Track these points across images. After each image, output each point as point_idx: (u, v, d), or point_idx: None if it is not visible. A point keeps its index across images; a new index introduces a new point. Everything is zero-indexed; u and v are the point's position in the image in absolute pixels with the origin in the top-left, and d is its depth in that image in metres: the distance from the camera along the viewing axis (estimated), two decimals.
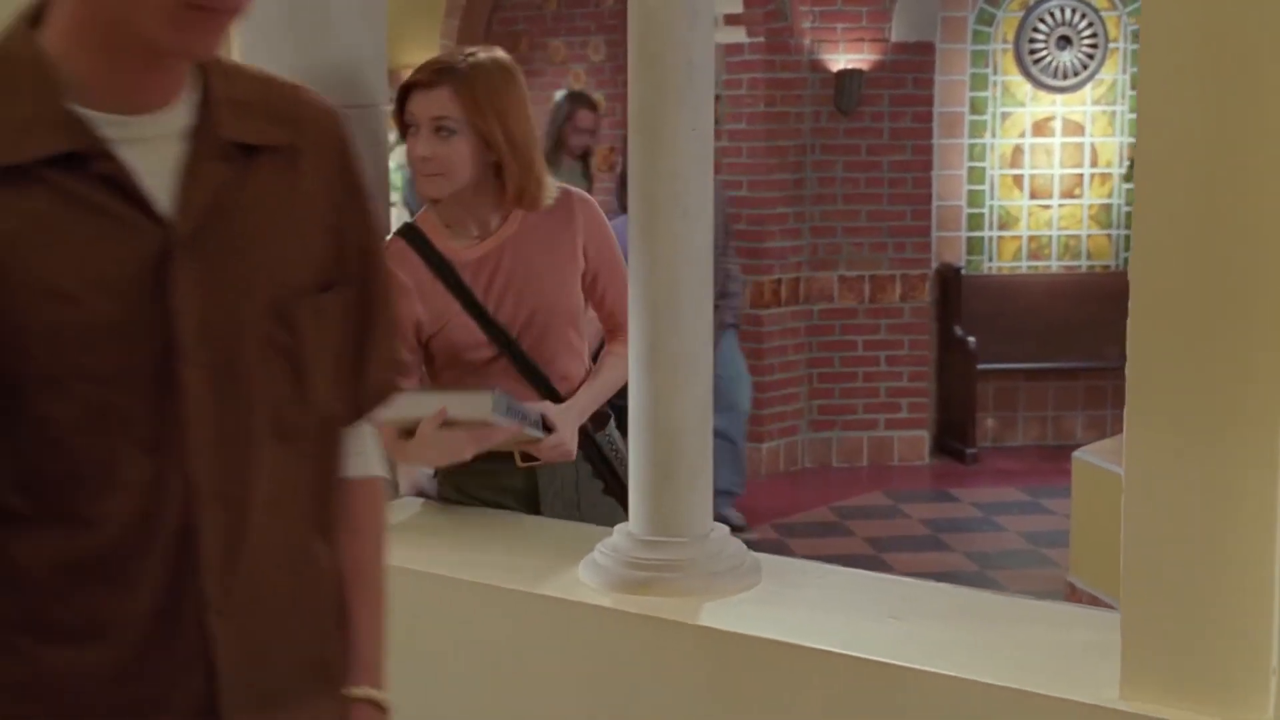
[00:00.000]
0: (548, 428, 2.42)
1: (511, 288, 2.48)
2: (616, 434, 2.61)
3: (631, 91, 2.08)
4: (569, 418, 2.48)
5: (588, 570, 2.14)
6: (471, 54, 2.46)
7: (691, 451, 2.12)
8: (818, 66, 6.93)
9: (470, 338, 2.48)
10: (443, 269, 2.47)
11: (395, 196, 6.41)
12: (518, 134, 2.43)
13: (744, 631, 1.96)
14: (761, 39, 6.81)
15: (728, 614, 2.00)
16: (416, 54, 9.47)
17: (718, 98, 6.47)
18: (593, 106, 6.83)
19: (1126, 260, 2.09)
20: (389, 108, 2.60)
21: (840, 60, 6.90)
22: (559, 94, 9.44)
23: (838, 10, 6.93)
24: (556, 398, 2.49)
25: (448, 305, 2.47)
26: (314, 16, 2.47)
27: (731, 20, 6.71)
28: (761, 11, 6.80)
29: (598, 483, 2.56)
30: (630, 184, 2.11)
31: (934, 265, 7.21)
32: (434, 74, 2.44)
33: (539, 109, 10.89)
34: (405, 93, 2.47)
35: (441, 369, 2.53)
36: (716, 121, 2.42)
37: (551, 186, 2.50)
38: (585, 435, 2.52)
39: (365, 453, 1.38)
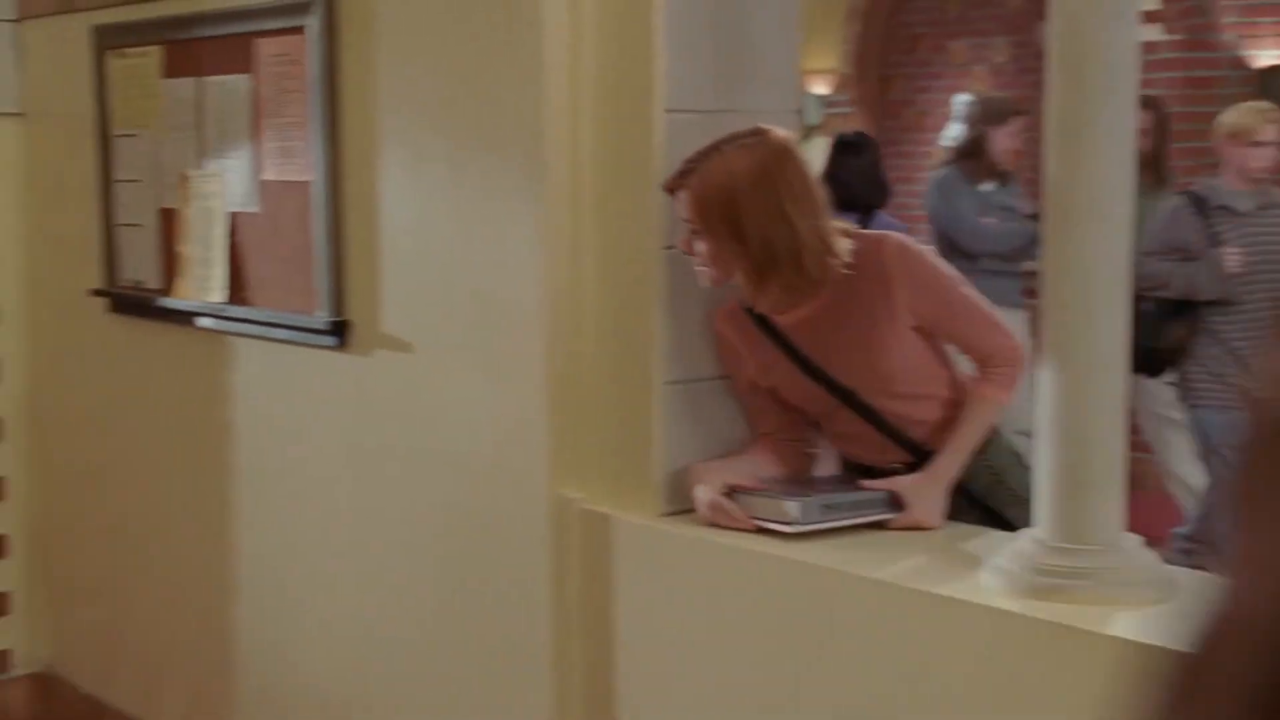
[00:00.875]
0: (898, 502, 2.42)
1: (831, 351, 2.47)
2: (1007, 441, 2.58)
3: (1050, 95, 2.06)
4: (926, 491, 2.42)
5: (992, 574, 2.14)
6: (719, 148, 2.36)
7: (1104, 457, 2.08)
8: (1239, 64, 6.58)
9: (805, 392, 2.51)
10: (768, 328, 2.49)
11: None
12: (759, 237, 2.34)
13: (1156, 644, 1.90)
14: (1179, 36, 6.52)
15: (1140, 625, 1.96)
16: (819, 59, 9.55)
17: None
18: None
19: None
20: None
21: (1265, 56, 6.53)
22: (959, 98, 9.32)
23: (1263, 3, 6.55)
24: (913, 446, 2.49)
25: (776, 360, 2.51)
26: (733, 21, 2.56)
27: (1148, 17, 6.45)
28: (1179, 7, 6.51)
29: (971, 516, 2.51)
30: (1047, 187, 2.09)
31: None
32: (677, 176, 2.39)
33: (936, 113, 10.73)
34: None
35: (788, 411, 2.57)
36: None
37: (839, 248, 2.40)
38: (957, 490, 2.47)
39: None
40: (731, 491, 2.44)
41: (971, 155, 5.56)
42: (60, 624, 4.14)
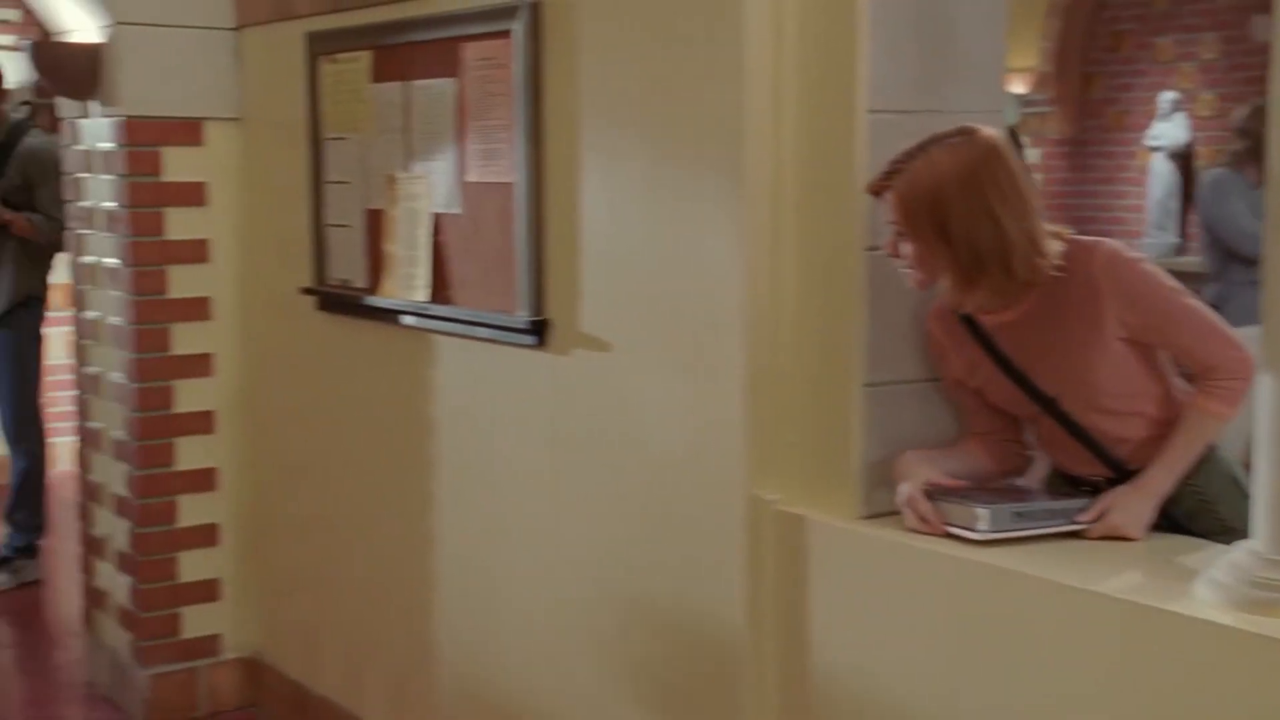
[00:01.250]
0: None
1: (1035, 356, 2.41)
2: (1225, 465, 2.48)
3: (1274, 92, 1.99)
4: (1132, 502, 2.35)
5: (1206, 587, 2.07)
6: (925, 149, 2.32)
7: None
8: None
9: (1008, 395, 2.46)
10: (974, 328, 2.45)
11: None
12: (966, 238, 2.30)
13: None
14: None
15: None
16: (1017, 57, 9.35)
17: None
18: None
19: None
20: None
21: None
22: (1166, 95, 9.05)
23: None
24: (1114, 463, 2.42)
25: (981, 361, 2.46)
26: (938, 19, 2.52)
27: None
28: None
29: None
30: (1269, 185, 2.01)
31: None
32: (882, 178, 2.36)
33: (1140, 112, 10.42)
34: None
35: (1000, 413, 2.52)
36: None
37: (1049, 250, 2.34)
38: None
39: None
40: (932, 492, 2.40)
41: (1257, 158, 5.34)
42: (268, 611, 4.29)
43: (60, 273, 6.84)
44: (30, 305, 5.48)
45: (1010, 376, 2.44)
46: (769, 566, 2.62)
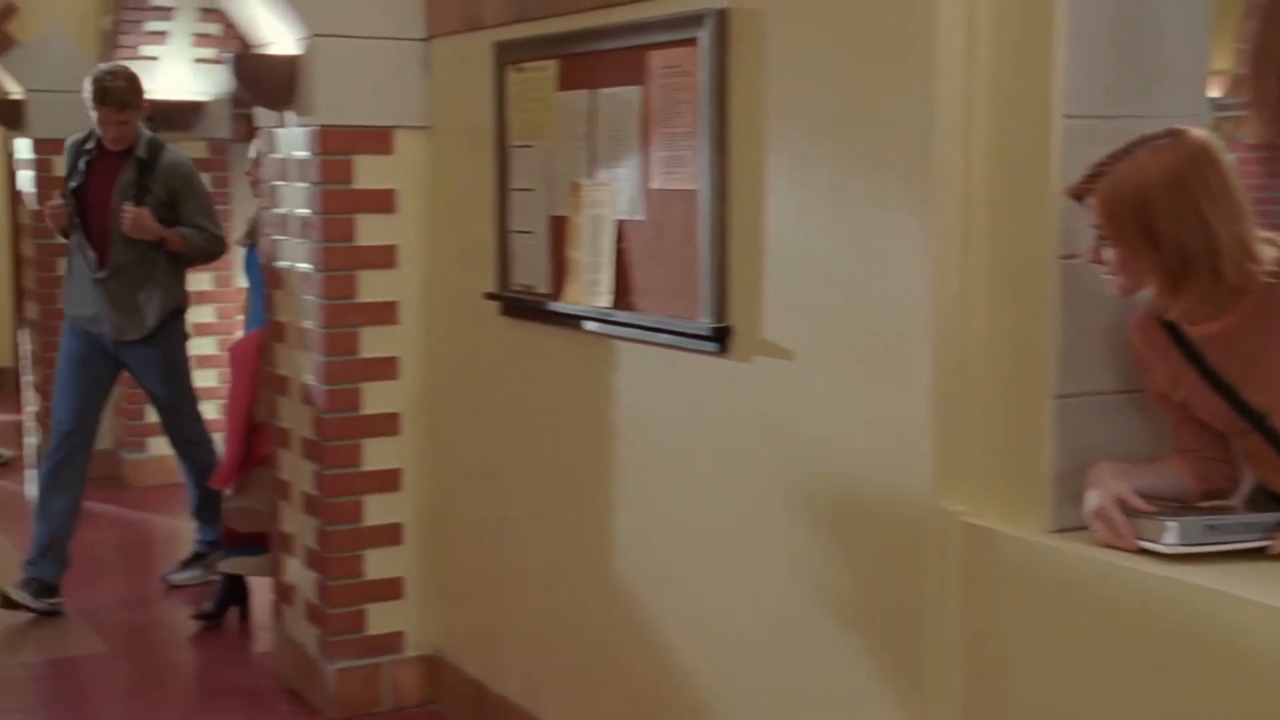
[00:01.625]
0: None
1: (1245, 369, 2.31)
2: None
3: None
4: None
5: None
6: (1130, 151, 2.26)
7: None
8: None
9: (1214, 409, 2.36)
10: (1179, 338, 2.36)
11: None
12: (1174, 242, 2.23)
13: None
14: None
15: None
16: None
17: None
18: None
19: None
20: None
21: None
22: None
23: None
24: None
25: (1186, 373, 2.37)
26: (1141, 22, 2.46)
27: None
28: None
29: None
30: None
31: None
32: (1084, 181, 2.29)
33: None
34: None
35: (1208, 428, 2.44)
36: None
37: (1262, 255, 2.26)
38: None
39: None
40: (1124, 505, 2.34)
41: None
42: (449, 610, 4.37)
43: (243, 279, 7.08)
44: (176, 317, 5.66)
45: (1217, 390, 2.35)
46: (953, 578, 2.58)
